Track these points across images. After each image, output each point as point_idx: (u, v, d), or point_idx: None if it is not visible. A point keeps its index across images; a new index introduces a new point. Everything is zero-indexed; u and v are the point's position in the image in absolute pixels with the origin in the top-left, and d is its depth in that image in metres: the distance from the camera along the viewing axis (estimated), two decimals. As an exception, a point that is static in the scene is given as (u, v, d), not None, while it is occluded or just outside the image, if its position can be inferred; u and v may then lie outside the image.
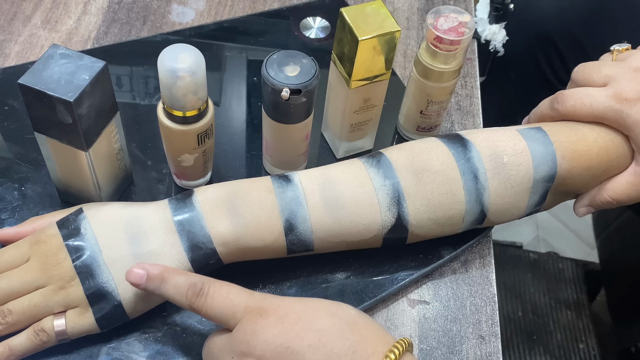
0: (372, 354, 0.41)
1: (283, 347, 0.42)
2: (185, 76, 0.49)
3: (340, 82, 0.59)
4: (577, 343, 1.28)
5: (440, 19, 0.58)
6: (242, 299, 0.45)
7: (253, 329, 0.43)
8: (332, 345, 0.41)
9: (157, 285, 0.47)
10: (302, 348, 0.41)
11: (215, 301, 0.45)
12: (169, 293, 0.47)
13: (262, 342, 0.42)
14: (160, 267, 0.48)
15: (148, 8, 0.77)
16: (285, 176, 0.55)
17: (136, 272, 0.48)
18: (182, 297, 0.46)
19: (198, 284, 0.46)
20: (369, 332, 0.43)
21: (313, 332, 0.42)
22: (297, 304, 0.44)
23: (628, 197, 0.57)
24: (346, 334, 0.42)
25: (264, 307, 0.44)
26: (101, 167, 0.55)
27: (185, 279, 0.47)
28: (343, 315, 0.43)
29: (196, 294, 0.45)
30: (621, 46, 0.60)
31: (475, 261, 0.61)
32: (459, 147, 0.55)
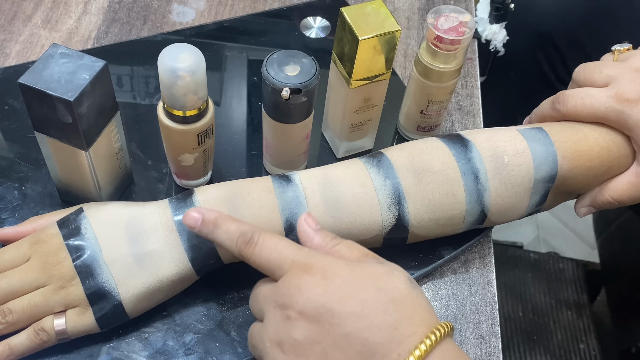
0: (413, 333, 0.40)
1: (324, 308, 0.41)
2: (185, 76, 0.49)
3: (341, 81, 0.59)
4: (577, 343, 1.28)
5: (441, 19, 0.58)
6: (289, 251, 0.44)
7: (297, 283, 0.42)
8: (374, 317, 0.40)
9: (211, 230, 0.48)
10: (343, 313, 0.40)
11: (264, 251, 0.45)
12: (221, 238, 0.48)
13: (305, 299, 0.41)
14: (215, 213, 0.49)
15: (148, 8, 0.77)
16: (285, 176, 0.55)
17: (192, 215, 0.49)
18: (233, 244, 0.47)
19: (248, 233, 0.46)
20: (413, 312, 0.41)
21: (357, 301, 0.41)
22: (345, 268, 0.43)
23: (629, 197, 0.57)
24: (390, 310, 0.41)
25: (310, 263, 0.43)
26: (101, 167, 0.55)
27: (238, 227, 0.47)
28: (390, 290, 0.42)
29: (246, 242, 0.46)
30: (622, 46, 0.60)
31: (475, 261, 0.61)
32: (460, 148, 0.55)
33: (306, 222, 0.48)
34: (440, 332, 0.41)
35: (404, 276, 0.43)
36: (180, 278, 0.51)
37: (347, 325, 0.40)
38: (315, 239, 0.47)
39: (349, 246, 0.46)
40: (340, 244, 0.46)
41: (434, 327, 0.41)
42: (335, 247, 0.46)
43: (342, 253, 0.46)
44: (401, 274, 0.43)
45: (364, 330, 0.40)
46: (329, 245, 0.46)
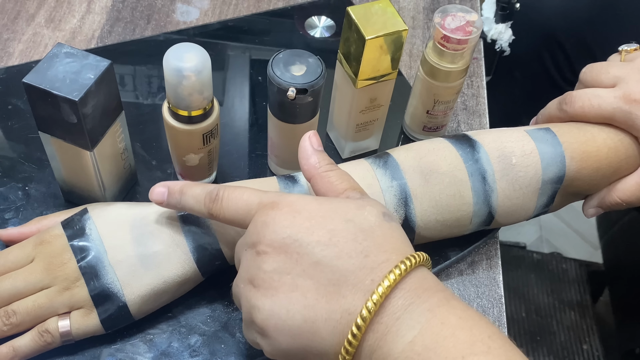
0: (385, 260, 0.40)
1: (291, 239, 0.41)
2: (191, 75, 0.49)
3: (347, 81, 0.58)
4: (580, 344, 1.28)
5: (448, 18, 0.57)
6: (255, 196, 0.45)
7: (264, 220, 0.42)
8: (343, 245, 0.40)
9: (178, 198, 0.48)
10: (310, 242, 0.40)
11: (231, 202, 0.45)
12: (189, 203, 0.48)
13: (271, 232, 0.41)
14: (180, 183, 0.49)
15: (152, 7, 0.77)
16: (291, 176, 0.54)
17: (158, 191, 0.49)
18: (201, 206, 0.47)
19: (214, 191, 0.46)
20: (384, 241, 0.41)
21: (325, 231, 0.41)
22: (312, 202, 0.43)
23: (638, 198, 0.57)
24: (359, 239, 0.41)
25: (277, 201, 0.43)
26: (106, 167, 0.55)
27: (203, 189, 0.47)
28: (359, 222, 0.41)
29: (212, 200, 0.46)
30: (629, 46, 0.60)
31: (482, 262, 0.61)
32: (467, 148, 0.55)
33: (309, 139, 0.48)
34: (416, 259, 0.40)
35: (376, 210, 0.43)
36: (185, 279, 0.51)
37: (316, 254, 0.40)
38: (312, 158, 0.47)
39: (341, 176, 0.46)
40: (333, 171, 0.47)
41: (408, 254, 0.41)
42: (327, 172, 0.46)
43: (331, 180, 0.46)
44: (373, 208, 0.43)
45: (334, 258, 0.40)
46: (322, 169, 0.47)
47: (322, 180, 0.46)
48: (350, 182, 0.46)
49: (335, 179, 0.46)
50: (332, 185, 0.46)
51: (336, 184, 0.46)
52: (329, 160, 0.47)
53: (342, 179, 0.46)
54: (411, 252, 0.41)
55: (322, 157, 0.47)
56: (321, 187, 0.46)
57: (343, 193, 0.45)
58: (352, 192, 0.45)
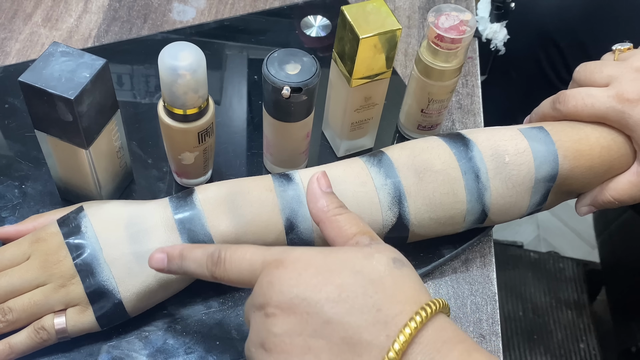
0: (399, 313, 0.38)
1: (299, 299, 0.39)
2: (185, 74, 0.49)
3: (341, 80, 0.59)
4: (577, 343, 1.28)
5: (442, 17, 0.58)
6: (259, 255, 0.43)
7: (269, 280, 0.40)
8: (353, 301, 0.38)
9: (179, 264, 0.46)
10: (319, 300, 0.38)
11: (234, 264, 0.43)
12: (191, 268, 0.46)
13: (278, 293, 0.39)
14: (179, 247, 0.47)
15: (149, 6, 0.77)
16: (286, 175, 0.55)
17: (157, 257, 0.47)
18: (204, 269, 0.45)
19: (215, 253, 0.44)
20: (397, 291, 0.39)
21: (333, 287, 0.39)
22: (317, 256, 0.41)
23: (630, 197, 0.57)
24: (369, 292, 0.38)
25: (281, 259, 0.41)
26: (102, 165, 0.55)
27: (203, 251, 0.45)
28: (369, 273, 0.39)
29: (215, 263, 0.44)
30: (623, 45, 0.60)
31: (476, 260, 0.61)
32: (461, 147, 0.55)
33: (318, 181, 0.46)
34: (432, 308, 0.38)
35: (385, 257, 0.41)
36: (180, 277, 0.51)
37: (326, 312, 0.38)
38: (321, 201, 0.45)
39: (350, 220, 0.44)
40: (343, 215, 0.45)
41: (423, 303, 0.38)
42: (337, 216, 0.45)
43: (340, 224, 0.44)
44: (382, 255, 0.41)
45: (345, 315, 0.38)
46: (331, 212, 0.45)
47: (331, 224, 0.44)
48: (360, 225, 0.44)
49: (345, 222, 0.44)
50: (341, 230, 0.44)
51: (345, 228, 0.44)
52: (338, 203, 0.46)
53: (352, 223, 0.44)
54: (427, 300, 0.39)
55: (331, 199, 0.46)
56: (330, 232, 0.45)
57: (352, 238, 0.43)
58: (361, 237, 0.43)
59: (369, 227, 0.45)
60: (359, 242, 0.43)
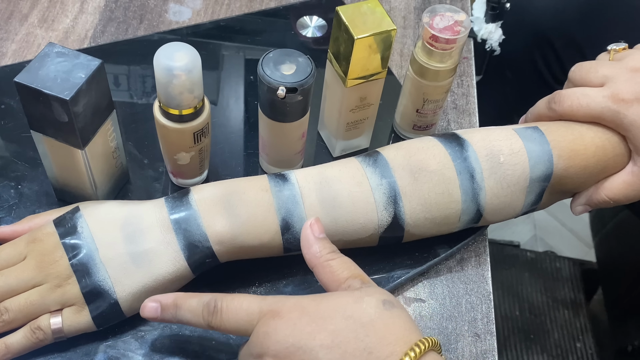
0: (390, 354, 0.40)
1: (295, 347, 0.41)
2: (181, 74, 0.49)
3: (337, 80, 0.59)
4: (574, 342, 1.28)
5: (436, 18, 0.58)
6: (255, 305, 0.45)
7: (266, 331, 0.43)
8: (346, 346, 0.41)
9: (173, 313, 0.47)
10: (314, 347, 0.41)
11: (230, 315, 0.45)
12: (186, 317, 0.47)
13: (274, 343, 0.42)
14: (172, 296, 0.48)
15: (145, 7, 0.77)
16: (281, 175, 0.55)
17: (150, 306, 0.48)
18: (200, 319, 0.46)
19: (211, 303, 0.46)
20: (387, 332, 0.41)
21: (326, 333, 0.41)
22: (310, 304, 0.43)
23: (625, 196, 0.57)
24: (361, 336, 0.41)
25: (276, 309, 0.44)
26: (97, 166, 0.55)
27: (198, 301, 0.46)
28: (359, 317, 0.42)
29: (211, 313, 0.45)
30: (618, 45, 0.60)
31: (471, 259, 0.61)
32: (456, 147, 0.55)
33: (311, 227, 0.48)
34: (420, 348, 0.40)
35: (374, 300, 0.43)
36: (176, 277, 0.51)
37: (320, 358, 0.40)
38: (314, 247, 0.48)
39: (342, 264, 0.47)
40: (335, 260, 0.47)
41: (412, 344, 0.41)
42: (329, 261, 0.47)
43: (332, 269, 0.46)
44: (372, 298, 0.43)
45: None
46: (324, 258, 0.47)
47: (324, 269, 0.47)
48: (352, 269, 0.46)
49: (337, 267, 0.46)
50: (333, 275, 0.46)
51: (337, 272, 0.46)
52: (331, 248, 0.48)
53: (344, 267, 0.46)
54: (417, 339, 0.41)
55: (323, 245, 0.48)
56: (323, 277, 0.47)
57: (345, 282, 0.45)
58: (353, 281, 0.45)
59: (361, 270, 0.47)
60: (350, 285, 0.45)
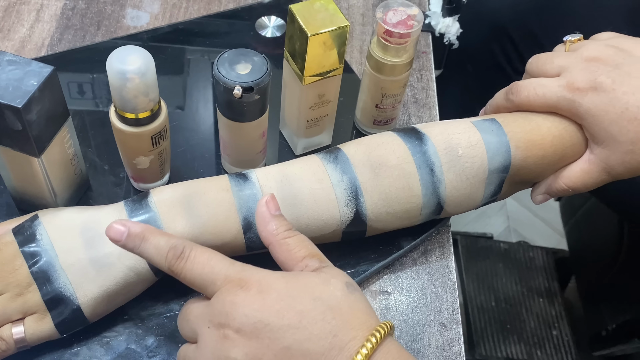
0: (353, 338, 0.41)
1: (262, 324, 0.41)
2: (134, 77, 0.49)
3: (294, 78, 0.59)
4: (550, 330, 1.30)
5: (389, 13, 0.58)
6: (222, 266, 0.44)
7: (232, 300, 0.42)
8: (312, 327, 0.41)
9: (137, 243, 0.46)
10: (282, 327, 0.41)
11: (196, 266, 0.44)
12: (148, 252, 0.46)
13: (242, 315, 0.41)
14: (142, 226, 0.46)
15: (102, 13, 0.77)
16: (242, 174, 0.55)
17: (117, 228, 0.46)
18: (162, 259, 0.45)
19: (179, 247, 0.45)
20: (352, 317, 0.42)
21: (294, 313, 0.41)
22: (279, 281, 0.43)
23: (583, 184, 0.57)
24: (328, 318, 0.41)
25: (244, 278, 0.43)
26: (56, 173, 0.55)
27: (167, 240, 0.45)
28: (327, 299, 0.42)
29: (176, 257, 0.44)
30: (573, 37, 0.61)
31: (435, 250, 0.62)
32: (415, 141, 0.56)
33: (267, 204, 0.47)
34: (381, 333, 0.41)
35: (340, 282, 0.44)
36: (138, 280, 0.51)
37: (287, 338, 0.41)
38: (270, 224, 0.47)
39: (299, 242, 0.46)
40: (292, 238, 0.46)
41: (373, 329, 0.42)
42: (286, 239, 0.46)
43: (290, 247, 0.46)
44: (338, 280, 0.44)
45: (304, 341, 0.40)
46: (280, 235, 0.46)
47: (281, 247, 0.46)
48: (309, 248, 0.46)
49: (294, 245, 0.46)
50: (290, 253, 0.46)
51: (294, 251, 0.46)
52: (288, 226, 0.47)
53: (301, 246, 0.46)
54: (376, 325, 0.42)
55: (280, 222, 0.47)
56: (280, 254, 0.46)
57: (302, 261, 0.45)
58: (310, 260, 0.45)
59: (318, 249, 0.47)
60: (308, 265, 0.45)
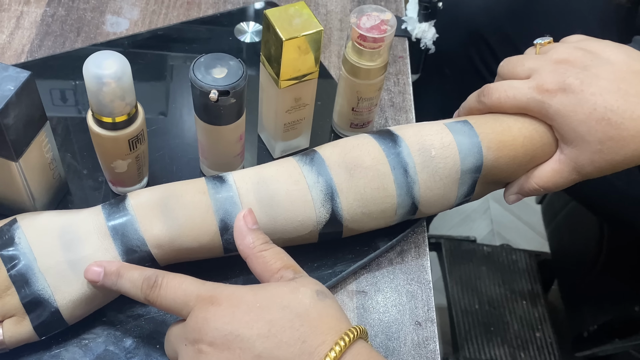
0: (322, 343, 0.42)
1: (233, 335, 0.42)
2: (110, 82, 0.50)
3: (270, 82, 0.60)
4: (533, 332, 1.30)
5: (363, 18, 0.59)
6: (194, 288, 0.46)
7: (204, 316, 0.44)
8: (281, 335, 0.42)
9: (114, 280, 0.49)
10: (251, 336, 0.42)
11: (169, 292, 0.46)
12: (125, 287, 0.48)
13: (213, 329, 0.43)
14: (116, 264, 0.50)
15: (82, 19, 0.77)
16: (219, 177, 0.55)
17: (93, 270, 0.50)
18: (138, 291, 0.47)
19: (152, 277, 0.47)
20: (320, 322, 0.43)
21: (263, 322, 0.42)
22: (248, 293, 0.44)
23: (554, 184, 0.58)
24: (296, 325, 0.42)
25: (215, 295, 0.45)
26: (34, 178, 0.55)
27: (140, 273, 0.48)
28: (295, 307, 0.43)
29: (150, 287, 0.47)
30: (544, 40, 0.62)
31: (410, 250, 0.63)
32: (389, 143, 0.57)
33: (244, 219, 0.49)
34: (349, 336, 0.42)
35: (309, 290, 0.45)
36: (117, 283, 0.52)
37: (257, 347, 0.42)
38: (247, 238, 0.49)
39: (275, 255, 0.48)
40: (268, 251, 0.48)
41: (342, 333, 0.43)
42: (262, 252, 0.48)
43: (266, 259, 0.48)
44: (307, 289, 0.45)
45: (274, 349, 0.42)
46: (257, 249, 0.48)
47: (257, 260, 0.48)
48: (284, 260, 0.48)
49: (270, 258, 0.48)
50: (266, 265, 0.47)
51: (270, 263, 0.47)
52: (264, 239, 0.49)
53: (276, 258, 0.48)
54: (346, 329, 0.43)
55: (256, 236, 0.49)
56: (256, 267, 0.48)
57: (277, 272, 0.47)
58: (285, 271, 0.47)
59: (293, 260, 0.49)
60: (283, 276, 0.47)
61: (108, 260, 0.51)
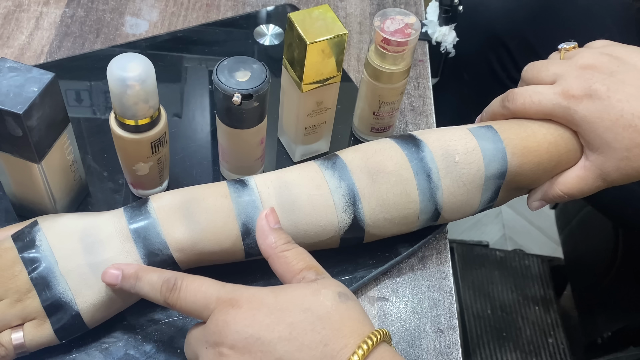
0: (344, 346, 0.41)
1: (254, 338, 0.42)
2: (135, 85, 0.49)
3: (292, 86, 0.60)
4: (546, 338, 1.30)
5: (387, 21, 0.59)
6: (214, 290, 0.45)
7: (225, 319, 0.43)
8: (303, 338, 0.41)
9: (133, 283, 0.48)
10: (272, 339, 0.42)
11: (189, 294, 0.46)
12: (144, 290, 0.48)
13: (233, 332, 0.42)
14: (135, 266, 0.49)
15: (101, 21, 0.77)
16: (241, 181, 0.55)
17: (111, 273, 0.49)
18: (157, 293, 0.47)
19: (171, 280, 0.46)
20: (342, 325, 0.42)
21: (284, 325, 0.42)
22: (269, 296, 0.44)
23: (579, 190, 0.58)
24: (318, 328, 0.42)
25: (235, 297, 0.44)
26: (55, 179, 0.55)
27: (159, 276, 0.47)
28: (316, 309, 0.43)
29: (169, 289, 0.46)
30: (568, 44, 0.62)
31: (432, 257, 0.62)
32: (412, 148, 0.56)
33: (266, 218, 0.49)
34: (372, 340, 0.42)
35: (331, 292, 0.44)
36: (138, 287, 0.52)
37: (278, 350, 0.41)
38: (269, 237, 0.48)
39: (297, 255, 0.47)
40: (290, 251, 0.47)
41: (365, 336, 0.42)
42: (284, 252, 0.47)
43: (288, 260, 0.47)
44: (329, 290, 0.44)
45: (295, 352, 0.41)
46: (279, 249, 0.47)
47: (279, 260, 0.47)
48: (307, 260, 0.47)
49: (292, 258, 0.47)
50: (288, 266, 0.47)
51: (292, 263, 0.47)
52: (287, 239, 0.48)
53: (299, 259, 0.47)
54: (369, 332, 0.42)
55: (278, 236, 0.48)
56: (278, 267, 0.47)
57: (299, 273, 0.46)
58: (307, 272, 0.46)
59: (316, 261, 0.48)
60: (305, 277, 0.46)
61: (127, 263, 0.50)
